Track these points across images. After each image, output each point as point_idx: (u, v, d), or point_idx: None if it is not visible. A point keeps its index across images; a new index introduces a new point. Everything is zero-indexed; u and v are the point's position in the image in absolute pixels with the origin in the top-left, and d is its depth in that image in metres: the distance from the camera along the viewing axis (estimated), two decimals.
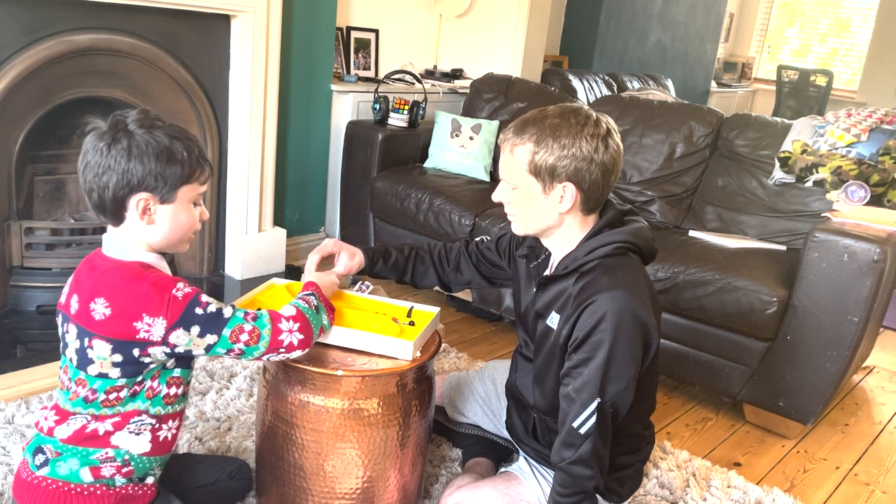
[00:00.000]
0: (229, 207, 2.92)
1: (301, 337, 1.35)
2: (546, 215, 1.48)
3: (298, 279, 1.63)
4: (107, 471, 1.31)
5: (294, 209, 3.30)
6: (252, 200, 2.91)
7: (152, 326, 1.23)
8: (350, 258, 1.71)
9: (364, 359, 1.48)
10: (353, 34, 3.54)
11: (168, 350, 1.26)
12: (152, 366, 1.29)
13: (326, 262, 1.71)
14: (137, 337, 1.23)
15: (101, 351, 1.25)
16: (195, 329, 1.25)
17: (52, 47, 2.28)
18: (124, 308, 1.23)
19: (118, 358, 1.25)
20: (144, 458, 1.34)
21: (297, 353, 1.36)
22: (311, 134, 3.25)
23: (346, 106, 3.31)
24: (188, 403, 2.04)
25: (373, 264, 1.75)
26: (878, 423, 2.49)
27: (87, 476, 1.30)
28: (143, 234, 1.29)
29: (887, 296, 2.34)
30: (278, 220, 3.15)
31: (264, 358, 1.33)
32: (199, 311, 1.25)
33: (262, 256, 3.00)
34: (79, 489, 1.29)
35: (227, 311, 1.29)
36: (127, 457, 1.32)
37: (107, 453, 1.30)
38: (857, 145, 2.55)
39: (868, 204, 2.38)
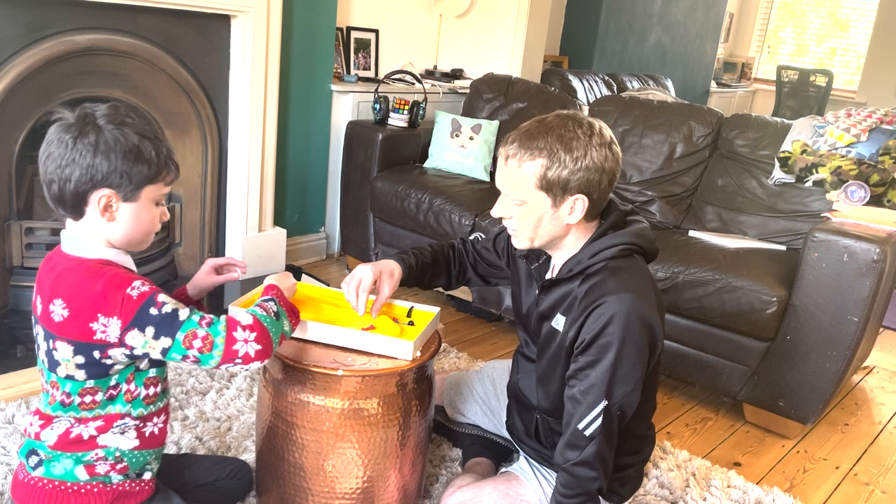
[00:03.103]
0: (229, 207, 2.92)
1: (258, 347, 1.26)
2: (553, 228, 1.45)
3: (299, 279, 1.62)
4: (101, 468, 1.30)
5: (294, 209, 3.30)
6: (252, 200, 2.91)
7: (108, 327, 1.19)
8: (391, 277, 1.61)
9: (364, 359, 1.48)
10: (353, 34, 3.54)
11: (127, 352, 1.23)
12: (118, 367, 1.26)
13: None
14: (95, 338, 1.20)
15: (64, 353, 1.23)
16: (150, 330, 1.20)
17: (52, 47, 2.28)
18: (81, 309, 1.20)
19: (81, 360, 1.23)
20: (136, 452, 1.33)
21: (255, 365, 1.29)
22: (311, 134, 3.25)
23: (346, 106, 3.31)
24: (188, 403, 2.04)
25: (410, 274, 1.67)
26: (877, 423, 2.49)
27: (82, 474, 1.29)
28: (102, 230, 1.25)
29: (887, 296, 2.34)
30: (278, 220, 3.15)
31: (222, 367, 1.27)
32: (153, 311, 1.20)
33: (262, 256, 3.00)
34: (75, 487, 1.29)
35: (183, 314, 1.22)
36: (118, 453, 1.31)
37: (97, 453, 1.29)
38: (856, 145, 2.55)
39: (868, 204, 2.38)
